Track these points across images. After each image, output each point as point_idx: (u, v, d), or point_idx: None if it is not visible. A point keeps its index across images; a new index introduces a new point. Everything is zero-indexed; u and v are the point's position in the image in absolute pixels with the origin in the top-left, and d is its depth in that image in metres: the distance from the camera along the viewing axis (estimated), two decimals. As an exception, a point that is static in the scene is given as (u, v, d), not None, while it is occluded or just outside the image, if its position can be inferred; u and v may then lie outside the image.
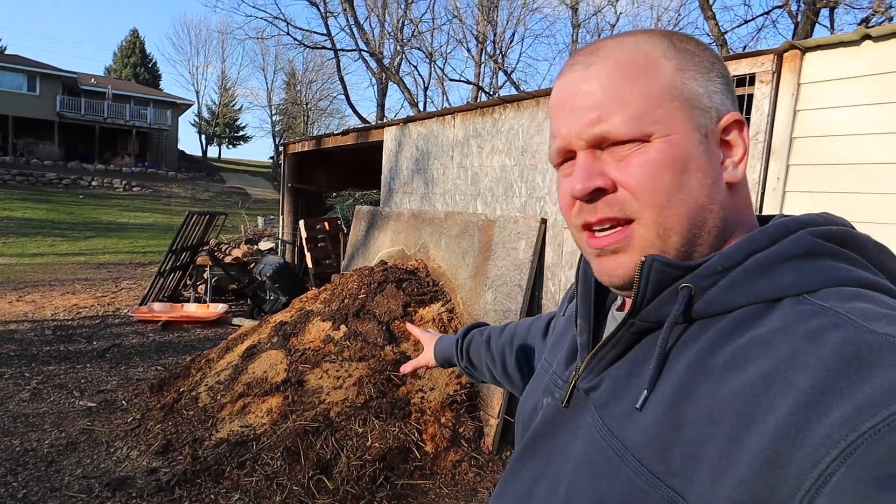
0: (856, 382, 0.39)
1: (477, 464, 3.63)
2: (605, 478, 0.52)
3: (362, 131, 6.96)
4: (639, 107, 0.54)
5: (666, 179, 0.53)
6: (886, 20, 6.53)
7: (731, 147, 0.56)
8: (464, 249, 4.53)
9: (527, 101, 4.15)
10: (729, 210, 0.56)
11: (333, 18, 15.45)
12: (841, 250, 0.51)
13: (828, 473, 0.37)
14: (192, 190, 28.26)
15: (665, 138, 0.53)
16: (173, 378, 4.43)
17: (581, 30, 14.16)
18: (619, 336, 0.56)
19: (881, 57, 2.49)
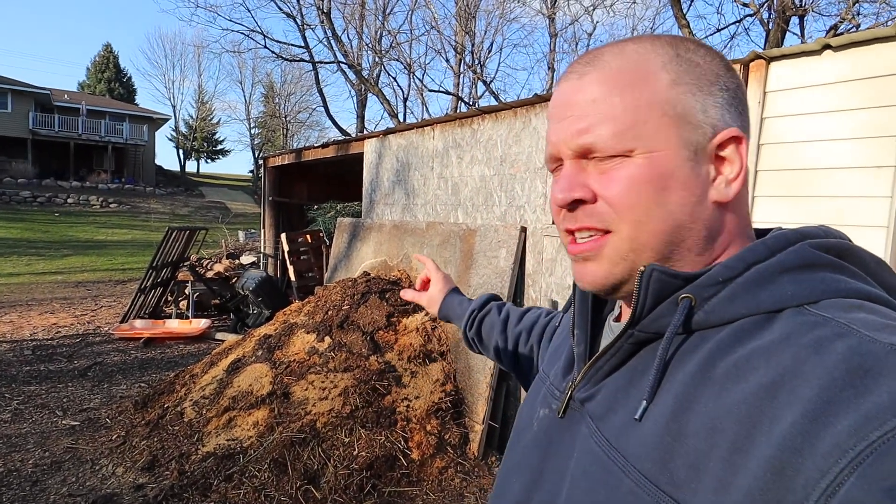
0: (862, 392, 0.38)
1: (463, 469, 3.68)
2: (603, 490, 0.51)
3: (342, 143, 7.03)
4: (624, 122, 0.53)
5: (644, 196, 0.53)
6: (854, 27, 6.79)
7: (726, 163, 0.54)
8: (446, 259, 4.60)
9: (504, 112, 4.26)
10: (716, 229, 0.55)
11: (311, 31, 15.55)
12: (841, 262, 0.50)
13: (836, 483, 0.37)
14: (170, 205, 27.96)
15: (648, 154, 0.53)
16: (157, 394, 4.41)
17: (559, 39, 14.42)
18: (618, 347, 0.56)
19: (841, 66, 2.62)
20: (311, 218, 9.56)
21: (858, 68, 2.59)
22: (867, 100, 2.57)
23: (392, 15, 17.27)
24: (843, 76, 2.63)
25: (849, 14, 6.47)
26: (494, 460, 3.92)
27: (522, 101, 4.07)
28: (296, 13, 14.45)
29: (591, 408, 0.58)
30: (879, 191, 2.55)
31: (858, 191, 2.59)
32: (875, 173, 2.56)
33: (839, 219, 2.60)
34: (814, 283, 0.49)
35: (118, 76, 43.23)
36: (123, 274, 12.47)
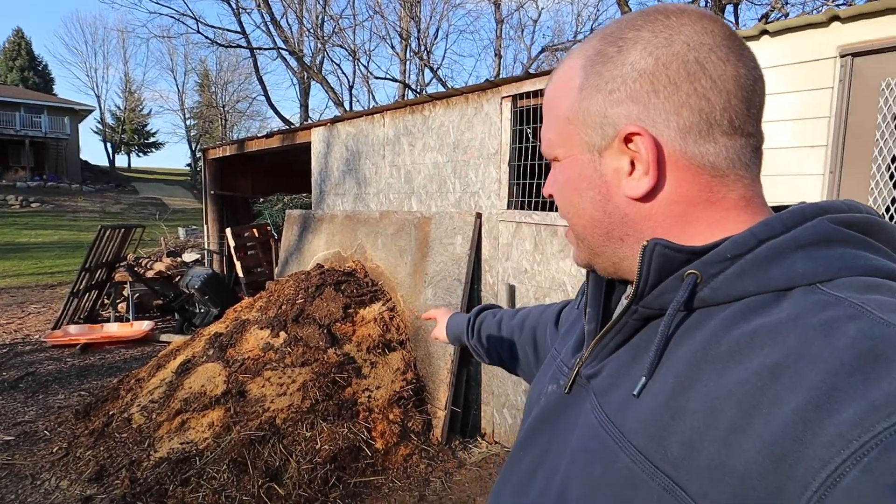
0: (872, 378, 0.37)
1: (428, 455, 3.69)
2: (600, 464, 0.51)
3: (288, 133, 6.82)
4: (552, 130, 0.60)
5: (565, 197, 0.60)
6: (783, 16, 7.15)
7: (637, 157, 0.53)
8: (401, 248, 4.56)
9: (456, 98, 4.24)
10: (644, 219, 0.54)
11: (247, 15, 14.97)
12: (862, 238, 0.48)
13: (838, 474, 0.35)
14: (100, 203, 26.44)
15: (564, 161, 0.59)
16: (100, 402, 4.18)
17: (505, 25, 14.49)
18: (623, 322, 0.56)
19: (777, 51, 2.75)
20: (258, 211, 9.26)
21: (793, 53, 2.72)
22: (801, 83, 2.71)
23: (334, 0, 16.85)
24: (780, 60, 2.76)
25: (778, 3, 6.81)
26: (458, 444, 3.95)
27: (474, 87, 4.07)
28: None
29: (595, 384, 0.58)
30: (814, 169, 2.71)
31: (795, 169, 2.74)
32: (809, 153, 2.71)
33: (776, 196, 2.74)
34: (829, 259, 0.46)
35: (32, 64, 40.29)
36: (52, 278, 11.70)
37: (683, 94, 0.51)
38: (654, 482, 0.45)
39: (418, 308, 4.26)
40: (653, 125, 0.52)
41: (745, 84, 0.52)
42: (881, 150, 2.54)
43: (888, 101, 2.51)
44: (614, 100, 0.54)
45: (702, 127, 0.51)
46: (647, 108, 0.52)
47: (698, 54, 0.51)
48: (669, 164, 0.53)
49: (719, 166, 0.52)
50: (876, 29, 2.52)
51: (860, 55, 2.57)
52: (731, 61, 0.52)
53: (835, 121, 2.63)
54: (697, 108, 0.51)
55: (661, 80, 0.52)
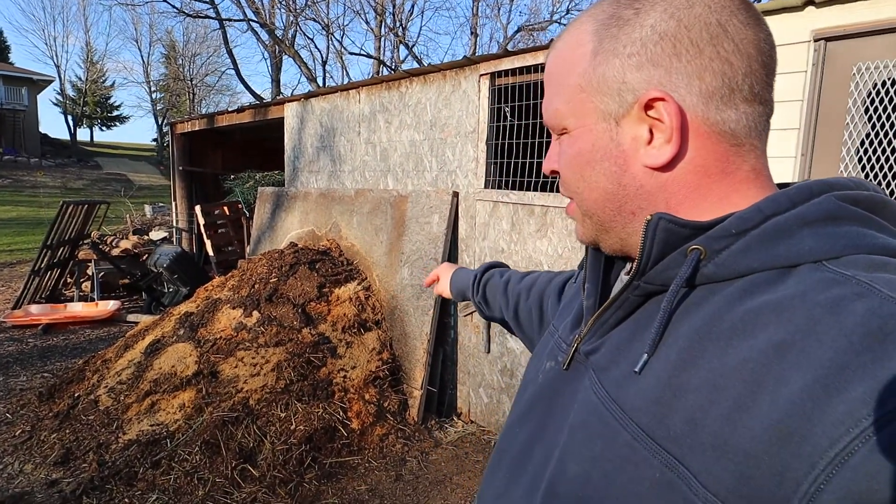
0: (881, 357, 0.36)
1: (404, 435, 3.69)
2: (600, 440, 0.51)
3: (260, 108, 6.63)
4: (559, 100, 0.57)
5: (574, 171, 0.57)
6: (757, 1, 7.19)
7: (658, 125, 0.51)
8: (377, 226, 4.50)
9: (433, 75, 4.16)
10: (660, 191, 0.53)
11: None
12: (869, 215, 0.47)
13: (846, 453, 0.35)
14: (61, 178, 25.50)
15: (574, 132, 0.56)
16: (65, 383, 4.05)
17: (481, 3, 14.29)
18: (624, 298, 0.55)
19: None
20: (228, 189, 9.03)
21: (771, 35, 2.73)
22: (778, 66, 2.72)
23: (304, -28, 16.33)
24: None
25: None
26: (434, 424, 3.96)
27: (451, 64, 3.99)
28: (197, -34, 13.34)
29: (594, 360, 0.57)
30: (787, 151, 2.74)
31: (769, 151, 2.76)
32: (782, 135, 2.74)
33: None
34: (836, 237, 0.45)
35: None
36: (10, 255, 11.27)
37: (706, 58, 0.49)
38: (655, 459, 0.45)
39: (394, 287, 4.22)
40: (675, 90, 0.50)
41: (765, 49, 0.51)
42: (850, 133, 2.59)
43: (858, 85, 2.55)
44: (634, 64, 0.51)
45: (724, 92, 0.50)
46: (669, 73, 0.50)
47: (720, 17, 0.49)
48: (691, 131, 0.51)
49: (738, 134, 0.51)
50: (849, 14, 2.54)
51: (833, 39, 2.60)
52: (751, 25, 0.50)
53: (807, 104, 2.66)
54: (720, 72, 0.49)
55: (683, 43, 0.49)
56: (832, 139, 2.64)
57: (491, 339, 3.89)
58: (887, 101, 2.48)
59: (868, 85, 2.53)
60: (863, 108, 2.56)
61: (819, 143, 2.67)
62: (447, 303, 4.12)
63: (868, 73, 2.52)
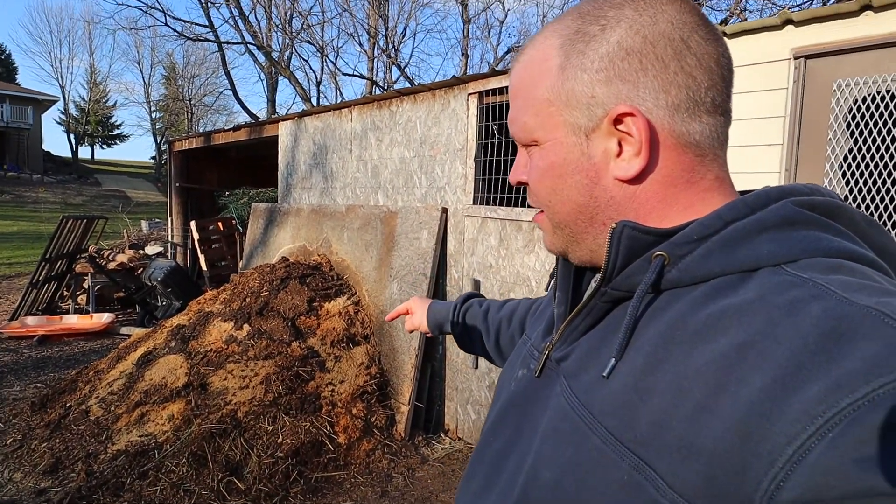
0: (835, 357, 0.37)
1: (390, 451, 3.71)
2: (571, 445, 0.51)
3: (255, 126, 6.75)
4: (527, 113, 0.57)
5: (546, 184, 0.57)
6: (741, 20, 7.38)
7: (627, 138, 0.53)
8: (367, 242, 4.57)
9: (423, 94, 4.27)
10: (630, 202, 0.54)
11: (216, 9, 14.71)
12: (825, 220, 0.49)
13: (804, 450, 0.36)
14: (62, 194, 25.63)
15: (545, 145, 0.56)
16: (58, 393, 4.09)
17: (471, 25, 14.55)
18: (592, 305, 0.56)
19: (735, 52, 2.83)
20: (223, 205, 9.13)
21: (750, 54, 2.82)
22: (758, 83, 2.81)
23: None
24: (738, 62, 2.82)
25: (737, 9, 7.03)
26: (421, 440, 3.98)
27: (441, 83, 4.10)
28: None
29: (565, 366, 0.58)
30: (771, 166, 2.81)
31: (753, 167, 2.84)
32: (766, 151, 2.82)
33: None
34: (793, 241, 0.47)
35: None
36: (10, 269, 11.32)
37: (671, 73, 0.51)
38: (623, 462, 0.46)
39: (383, 302, 4.28)
40: (643, 104, 0.52)
41: (723, 63, 0.54)
42: (833, 148, 2.65)
43: (839, 101, 2.61)
44: (602, 79, 0.53)
45: (689, 105, 0.52)
46: (636, 87, 0.52)
47: (682, 33, 0.52)
48: (660, 143, 0.53)
49: (702, 145, 0.53)
50: (827, 32, 2.62)
51: (813, 57, 2.67)
52: (711, 41, 0.53)
53: (790, 120, 2.72)
54: (685, 85, 0.52)
55: (649, 58, 0.51)
56: (815, 154, 2.70)
57: (479, 356, 3.93)
58: (868, 117, 2.55)
59: (849, 101, 2.58)
60: (844, 124, 2.62)
61: (802, 158, 2.72)
62: (436, 317, 4.16)
63: (848, 90, 2.57)
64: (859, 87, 2.57)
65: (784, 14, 2.74)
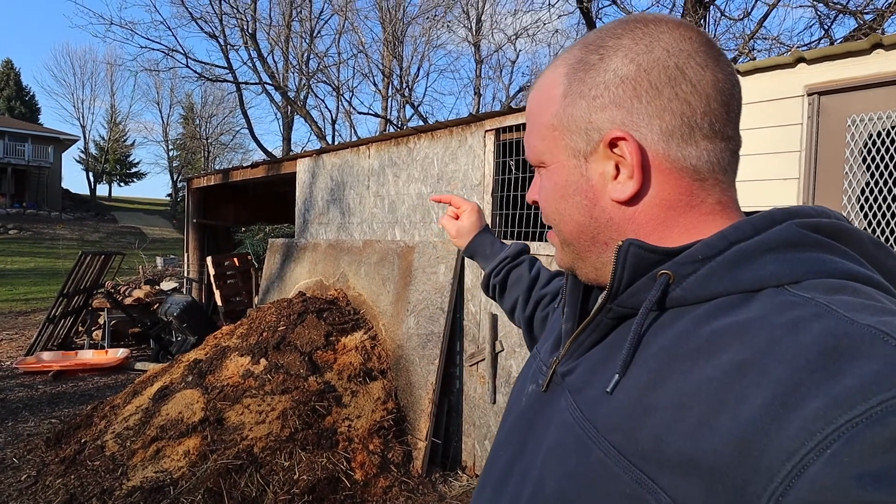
0: (834, 374, 0.38)
1: (407, 488, 3.63)
2: (575, 458, 0.52)
3: (273, 164, 6.89)
4: (536, 137, 0.61)
5: (552, 203, 0.61)
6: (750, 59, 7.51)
7: (622, 162, 0.55)
8: (384, 276, 4.59)
9: (440, 131, 4.35)
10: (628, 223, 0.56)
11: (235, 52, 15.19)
12: (829, 242, 0.49)
13: (801, 466, 0.36)
14: (79, 231, 26.08)
15: (551, 167, 0.60)
16: (73, 429, 4.07)
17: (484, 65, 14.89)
18: (598, 321, 0.57)
19: (749, 89, 2.89)
20: (239, 241, 9.24)
21: (764, 91, 2.87)
22: (773, 119, 2.85)
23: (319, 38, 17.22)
24: (752, 98, 2.90)
25: (746, 48, 7.16)
26: (438, 477, 3.90)
27: (458, 121, 4.19)
28: (218, 34, 14.10)
29: (570, 381, 0.59)
30: (789, 200, 2.82)
31: (771, 200, 2.85)
32: (784, 185, 2.83)
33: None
34: (797, 262, 0.47)
35: (20, 94, 40.34)
36: (26, 304, 11.44)
37: (665, 99, 0.53)
38: (626, 475, 0.46)
39: (400, 336, 4.26)
40: (636, 129, 0.54)
41: (724, 88, 0.54)
42: (850, 182, 2.66)
43: (854, 136, 2.64)
44: (598, 105, 0.55)
45: (684, 130, 0.53)
46: (630, 113, 0.54)
47: (678, 60, 0.53)
48: (653, 167, 0.54)
49: (700, 170, 0.54)
50: (839, 70, 2.67)
51: (826, 94, 2.71)
52: (709, 66, 0.54)
53: (805, 154, 2.75)
54: (679, 112, 0.53)
55: (643, 86, 0.53)
56: (832, 188, 2.71)
57: (497, 390, 3.89)
58: (883, 151, 2.57)
59: (864, 135, 2.61)
60: (860, 158, 2.64)
61: (820, 191, 2.73)
62: (453, 352, 4.15)
63: (862, 125, 2.60)
64: (873, 122, 2.59)
65: (796, 53, 2.80)
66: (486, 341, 3.92)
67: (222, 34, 14.10)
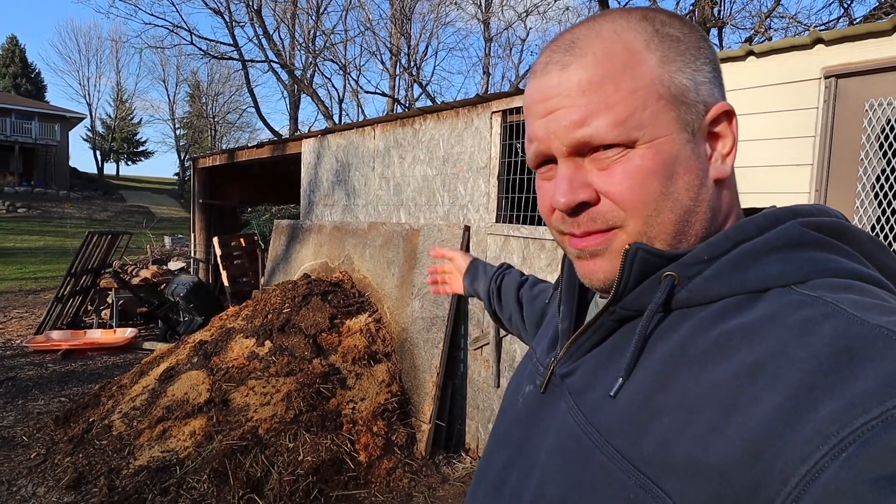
0: (848, 377, 0.37)
1: (411, 469, 3.67)
2: (577, 463, 0.51)
3: (279, 144, 6.84)
4: (624, 109, 0.50)
5: (653, 188, 0.51)
6: (766, 39, 7.34)
7: (720, 139, 0.53)
8: (389, 259, 4.57)
9: (446, 112, 4.29)
10: (716, 207, 0.54)
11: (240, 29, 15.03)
12: (832, 241, 0.49)
13: (817, 469, 0.35)
14: (87, 210, 26.21)
15: (651, 143, 0.50)
16: (81, 408, 4.12)
17: (493, 44, 14.66)
18: (600, 323, 0.55)
19: (763, 71, 2.81)
20: (245, 221, 9.25)
21: (779, 74, 2.78)
22: (787, 103, 2.77)
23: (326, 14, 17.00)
24: (767, 80, 2.81)
25: (762, 27, 6.99)
26: (442, 459, 3.93)
27: (464, 102, 4.12)
28: (223, 10, 13.94)
29: (570, 383, 0.57)
30: (800, 187, 2.75)
31: (782, 187, 2.78)
32: (796, 171, 2.76)
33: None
34: (802, 262, 0.47)
35: (25, 71, 40.17)
36: (35, 283, 11.55)
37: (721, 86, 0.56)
38: (630, 480, 0.45)
39: (405, 320, 4.26)
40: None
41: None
42: (865, 169, 2.59)
43: (871, 121, 2.55)
44: (705, 79, 0.53)
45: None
46: (721, 91, 0.55)
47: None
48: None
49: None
50: (858, 52, 2.57)
51: (844, 77, 2.62)
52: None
53: (820, 140, 2.67)
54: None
55: (718, 69, 0.55)
56: (847, 175, 2.64)
57: (500, 374, 3.89)
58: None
59: (882, 121, 2.53)
60: (877, 144, 2.56)
61: (833, 178, 2.66)
62: (457, 336, 4.14)
63: (881, 110, 2.51)
64: (892, 107, 2.51)
65: (814, 34, 2.70)
66: (490, 325, 3.91)
67: (227, 10, 13.95)
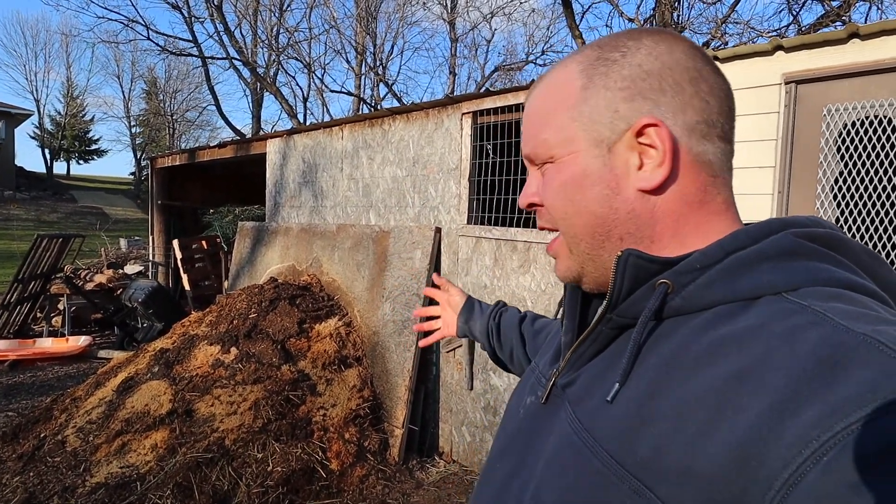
0: (830, 382, 0.38)
1: (384, 476, 3.60)
2: (573, 470, 0.52)
3: (242, 144, 6.65)
4: (547, 130, 0.59)
5: (564, 196, 0.58)
6: (723, 45, 7.53)
7: (649, 150, 0.55)
8: (358, 262, 4.49)
9: (416, 113, 4.23)
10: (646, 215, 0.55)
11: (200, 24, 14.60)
12: (825, 251, 0.50)
13: (799, 474, 0.36)
14: (35, 211, 25.03)
15: (564, 159, 0.58)
16: (31, 423, 3.89)
17: (459, 44, 14.67)
18: (598, 332, 0.57)
19: (727, 76, 2.86)
20: (207, 223, 8.97)
21: (742, 78, 2.85)
22: (751, 107, 2.84)
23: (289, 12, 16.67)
24: (733, 85, 2.86)
25: (718, 32, 7.18)
26: (415, 464, 3.87)
27: (434, 102, 4.07)
28: (182, 5, 13.51)
29: (570, 392, 0.58)
30: (764, 188, 2.82)
31: (747, 188, 2.85)
32: (759, 173, 2.83)
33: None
34: (793, 271, 0.48)
35: (-34, 66, 38.12)
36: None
37: (687, 96, 0.55)
38: (624, 485, 0.46)
39: (376, 323, 4.18)
40: (664, 120, 0.54)
41: (730, 96, 0.58)
42: (825, 171, 2.67)
43: (829, 125, 2.64)
44: (625, 97, 0.55)
45: (703, 127, 0.55)
46: (656, 105, 0.55)
47: (696, 63, 0.56)
48: (679, 158, 0.55)
49: (715, 166, 0.56)
50: (817, 59, 2.66)
51: (803, 83, 2.71)
52: (720, 74, 0.57)
53: (782, 143, 2.76)
54: (700, 108, 0.55)
55: (667, 81, 0.55)
56: (807, 177, 2.73)
57: (474, 376, 3.86)
58: (857, 141, 2.58)
59: (839, 125, 2.62)
60: (835, 148, 2.65)
61: (794, 180, 2.75)
62: (429, 339, 4.09)
63: (838, 114, 2.61)
64: (848, 112, 2.60)
65: (775, 41, 2.78)
66: (463, 328, 3.87)
67: (186, 5, 13.53)
